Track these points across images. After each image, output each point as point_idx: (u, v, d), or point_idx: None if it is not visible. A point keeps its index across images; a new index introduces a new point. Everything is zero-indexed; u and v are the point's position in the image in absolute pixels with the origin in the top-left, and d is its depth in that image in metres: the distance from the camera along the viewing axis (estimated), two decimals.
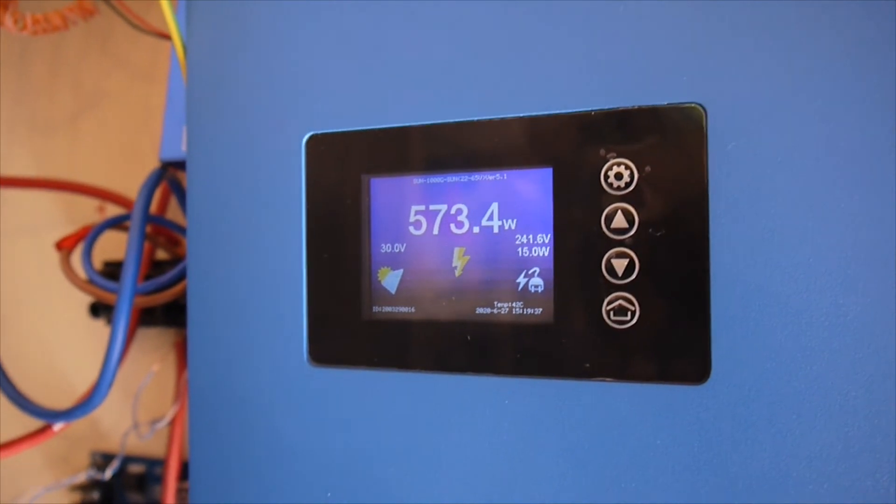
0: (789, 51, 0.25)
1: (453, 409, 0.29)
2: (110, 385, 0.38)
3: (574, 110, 0.28)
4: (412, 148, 0.30)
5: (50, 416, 0.41)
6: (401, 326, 0.30)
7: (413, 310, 0.30)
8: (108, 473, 0.52)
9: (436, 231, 0.30)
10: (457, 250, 0.30)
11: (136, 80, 0.57)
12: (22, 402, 0.42)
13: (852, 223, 0.24)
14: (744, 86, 0.26)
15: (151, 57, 0.56)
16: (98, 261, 0.51)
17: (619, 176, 0.27)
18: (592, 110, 0.27)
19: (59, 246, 0.44)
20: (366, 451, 0.30)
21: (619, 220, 0.27)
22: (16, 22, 0.44)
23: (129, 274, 0.38)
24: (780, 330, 0.25)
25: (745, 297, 0.25)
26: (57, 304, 0.59)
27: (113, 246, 0.51)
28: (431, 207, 0.30)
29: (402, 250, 0.30)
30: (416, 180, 0.30)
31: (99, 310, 0.51)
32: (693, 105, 0.26)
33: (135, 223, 0.39)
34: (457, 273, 0.29)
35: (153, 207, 0.46)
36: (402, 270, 0.30)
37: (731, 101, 0.26)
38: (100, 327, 0.55)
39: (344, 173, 0.31)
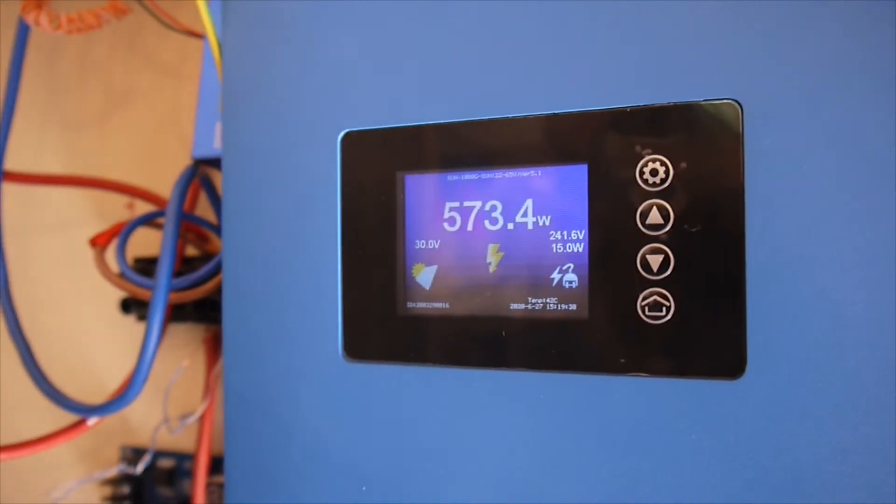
0: (826, 46, 0.25)
1: (487, 404, 0.29)
2: (145, 380, 0.38)
3: (609, 107, 0.28)
4: (446, 145, 0.30)
5: (85, 410, 0.41)
6: (435, 322, 0.31)
7: (447, 305, 0.30)
8: (140, 467, 0.52)
9: (470, 227, 0.30)
10: (491, 246, 0.30)
11: (165, 78, 0.57)
12: (57, 396, 0.43)
13: (889, 219, 0.24)
14: (780, 82, 0.26)
15: (180, 55, 0.57)
16: (128, 257, 0.51)
17: (654, 172, 0.27)
18: (628, 107, 0.28)
19: (93, 242, 0.45)
20: (400, 446, 0.31)
21: (655, 216, 0.27)
22: (51, 21, 0.45)
23: (164, 270, 0.38)
24: (815, 325, 0.25)
25: (780, 292, 0.25)
26: (86, 299, 0.60)
27: (142, 242, 0.52)
28: (465, 204, 0.30)
29: (437, 246, 0.31)
30: (450, 177, 0.30)
31: (130, 305, 0.51)
32: (729, 101, 0.26)
33: (169, 220, 0.39)
34: (491, 269, 0.30)
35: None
36: (436, 266, 0.31)
37: (768, 97, 0.26)
38: (128, 323, 0.56)
39: (379, 170, 0.31)
